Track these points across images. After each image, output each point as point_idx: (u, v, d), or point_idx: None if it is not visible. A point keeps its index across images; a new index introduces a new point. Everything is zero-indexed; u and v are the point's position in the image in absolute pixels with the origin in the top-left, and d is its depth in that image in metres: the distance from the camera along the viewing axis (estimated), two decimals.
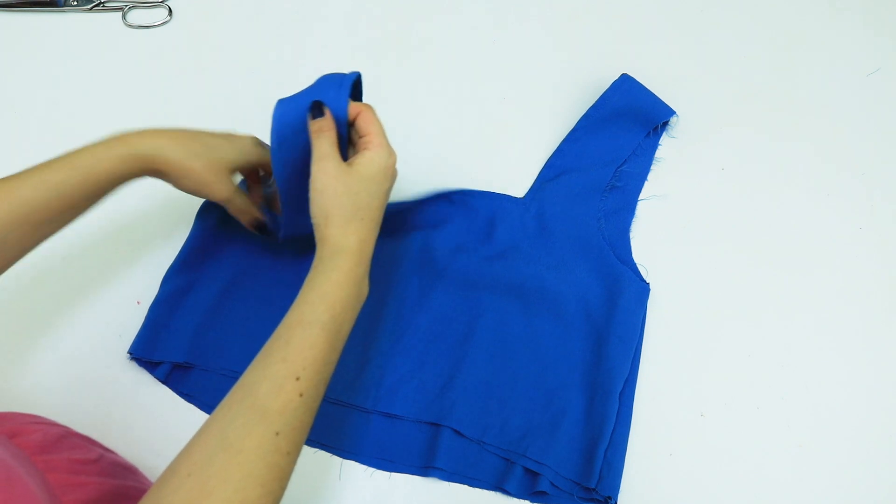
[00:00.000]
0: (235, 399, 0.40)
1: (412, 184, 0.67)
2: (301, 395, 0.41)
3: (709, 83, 0.76)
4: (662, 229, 0.67)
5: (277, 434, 0.39)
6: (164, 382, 0.59)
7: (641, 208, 0.68)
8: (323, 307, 0.44)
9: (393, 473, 0.56)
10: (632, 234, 0.66)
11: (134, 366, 0.59)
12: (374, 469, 0.56)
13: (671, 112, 0.70)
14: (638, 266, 0.64)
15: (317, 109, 0.50)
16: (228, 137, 0.55)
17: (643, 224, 0.67)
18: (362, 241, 0.48)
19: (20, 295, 0.62)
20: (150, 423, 0.57)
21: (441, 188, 0.66)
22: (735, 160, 0.71)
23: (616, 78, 0.71)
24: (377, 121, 0.51)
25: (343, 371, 0.58)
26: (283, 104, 0.51)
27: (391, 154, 0.51)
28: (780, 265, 0.66)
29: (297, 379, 0.41)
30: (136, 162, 0.50)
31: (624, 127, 0.70)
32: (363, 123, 0.51)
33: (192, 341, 0.59)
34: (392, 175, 0.51)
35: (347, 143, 0.52)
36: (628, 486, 0.55)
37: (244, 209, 0.57)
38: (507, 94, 0.75)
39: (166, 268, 0.62)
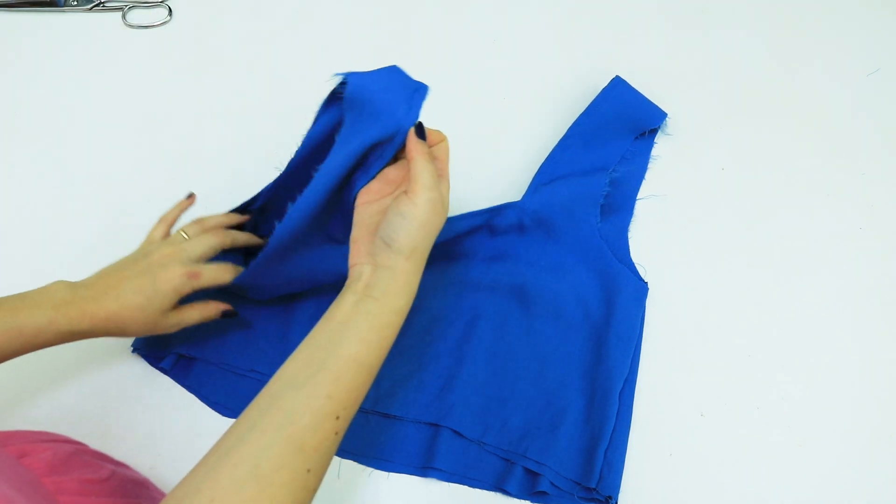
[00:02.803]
0: (271, 424, 0.38)
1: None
2: (336, 434, 0.40)
3: (709, 83, 0.76)
4: (662, 229, 0.67)
5: (309, 471, 0.38)
6: (168, 372, 0.59)
7: (640, 208, 0.68)
8: (378, 351, 0.43)
9: (392, 473, 0.56)
10: (631, 235, 0.66)
11: (136, 367, 0.59)
12: (372, 469, 0.56)
13: (663, 115, 0.70)
14: (637, 266, 0.64)
15: (420, 130, 0.49)
16: (152, 281, 0.50)
17: (643, 224, 0.67)
18: (419, 281, 0.47)
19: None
20: (154, 423, 0.57)
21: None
22: (735, 160, 0.71)
23: (611, 79, 0.71)
24: (448, 153, 0.51)
25: None
26: (357, 78, 0.49)
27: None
28: (780, 265, 0.66)
29: (337, 418, 0.40)
30: (65, 331, 0.48)
31: (616, 133, 0.69)
32: (441, 153, 0.50)
33: (194, 333, 0.59)
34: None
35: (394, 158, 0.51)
36: (628, 486, 0.55)
37: (201, 317, 0.54)
38: (508, 93, 0.75)
39: None
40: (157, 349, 0.59)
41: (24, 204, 0.68)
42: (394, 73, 0.51)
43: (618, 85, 0.71)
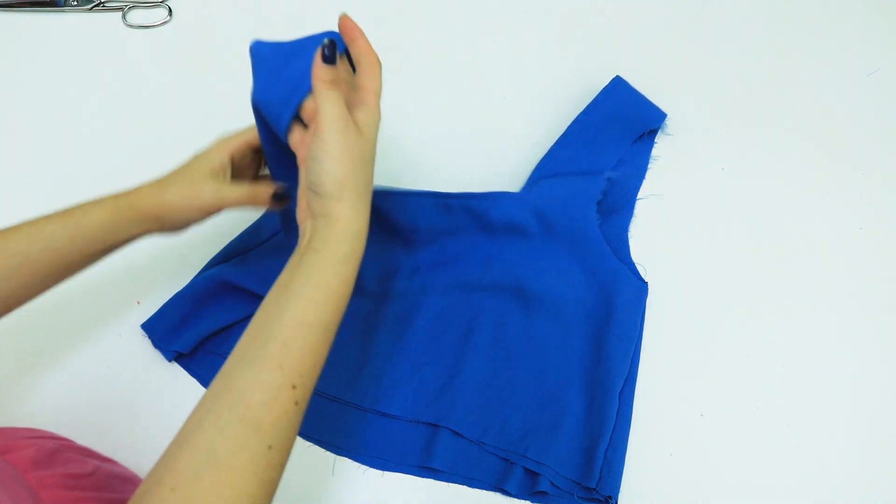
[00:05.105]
0: (224, 406, 0.37)
1: (412, 183, 0.68)
2: (296, 404, 0.38)
3: (709, 82, 0.76)
4: (662, 229, 0.67)
5: (270, 448, 0.36)
6: (175, 360, 0.59)
7: (641, 208, 0.68)
8: (328, 307, 0.40)
9: (386, 471, 0.56)
10: (631, 234, 0.66)
11: (134, 366, 0.59)
12: (367, 466, 0.56)
13: (663, 115, 0.70)
14: (637, 265, 0.64)
15: (330, 51, 0.42)
16: (195, 155, 0.53)
17: (643, 224, 0.67)
18: (367, 223, 0.43)
19: None
20: (151, 423, 0.57)
21: (441, 189, 0.66)
22: (735, 160, 0.71)
23: (612, 78, 0.71)
24: (380, 77, 0.45)
25: (342, 369, 0.58)
26: (262, 47, 0.46)
27: (380, 118, 0.45)
28: (780, 265, 0.65)
29: (294, 388, 0.38)
30: (125, 211, 0.49)
31: (615, 133, 0.69)
32: (367, 73, 0.44)
33: (211, 331, 0.60)
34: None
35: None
36: (628, 485, 0.55)
37: (248, 196, 0.52)
38: (508, 93, 0.75)
39: (166, 268, 0.62)
40: (163, 340, 0.59)
41: (24, 204, 0.67)
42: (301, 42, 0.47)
43: (618, 84, 0.71)
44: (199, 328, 0.59)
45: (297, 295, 0.40)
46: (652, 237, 0.66)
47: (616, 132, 0.69)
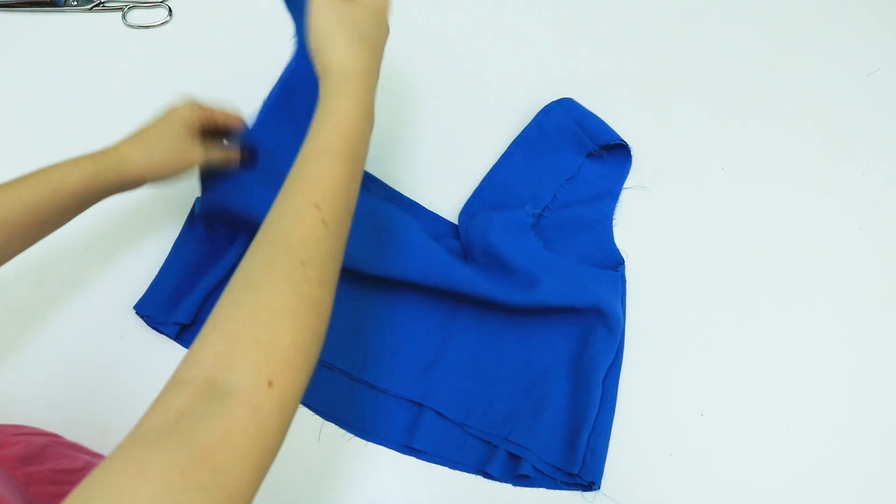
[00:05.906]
0: (258, 242, 0.38)
1: (413, 182, 0.67)
2: (324, 224, 0.39)
3: (709, 82, 0.76)
4: (663, 229, 0.67)
5: (303, 263, 0.37)
6: (174, 338, 0.59)
7: (641, 209, 0.68)
8: (335, 136, 0.42)
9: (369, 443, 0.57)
10: (631, 236, 0.66)
11: (134, 365, 0.59)
12: (351, 435, 0.57)
13: (615, 135, 0.68)
14: (622, 251, 0.64)
15: None
16: (167, 114, 0.56)
17: (644, 224, 0.67)
18: (368, 63, 0.46)
19: (18, 295, 0.62)
20: None
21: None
22: (735, 160, 0.71)
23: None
24: None
25: (332, 334, 0.58)
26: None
27: None
28: (781, 265, 0.66)
29: (317, 207, 0.39)
30: (106, 173, 0.51)
31: (559, 150, 0.68)
32: None
33: (205, 304, 0.60)
34: (387, 20, 0.49)
35: None
36: (628, 485, 0.55)
37: (224, 158, 0.58)
38: (507, 93, 0.75)
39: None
40: (161, 315, 0.59)
41: None
42: None
43: (563, 103, 0.70)
44: (196, 292, 0.59)
45: (308, 138, 0.43)
46: (653, 237, 0.66)
47: (562, 147, 0.68)
